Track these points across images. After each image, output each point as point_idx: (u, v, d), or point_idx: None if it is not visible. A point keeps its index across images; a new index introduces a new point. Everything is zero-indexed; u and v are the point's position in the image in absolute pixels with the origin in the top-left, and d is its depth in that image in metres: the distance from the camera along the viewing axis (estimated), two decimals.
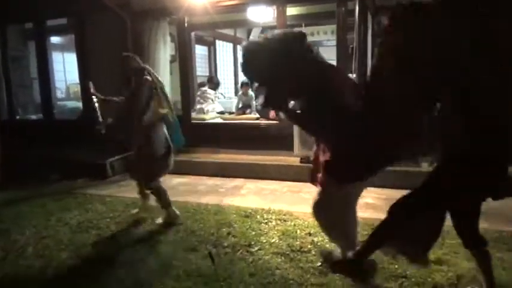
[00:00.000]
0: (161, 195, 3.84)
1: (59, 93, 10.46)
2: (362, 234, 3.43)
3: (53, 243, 3.46)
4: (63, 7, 6.74)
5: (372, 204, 4.31)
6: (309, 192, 4.86)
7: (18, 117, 8.17)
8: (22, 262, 3.11)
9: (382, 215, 3.78)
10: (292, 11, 7.05)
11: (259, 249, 3.21)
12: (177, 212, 3.87)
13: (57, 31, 8.75)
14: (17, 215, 4.27)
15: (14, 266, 3.05)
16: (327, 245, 3.24)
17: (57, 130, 7.27)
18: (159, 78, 3.86)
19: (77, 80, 7.71)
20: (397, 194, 3.56)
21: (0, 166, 5.46)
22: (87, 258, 3.13)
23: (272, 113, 6.51)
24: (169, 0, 6.11)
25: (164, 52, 6.87)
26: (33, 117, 8.23)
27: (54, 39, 9.96)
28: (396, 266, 2.86)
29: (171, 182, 5.60)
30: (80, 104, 7.68)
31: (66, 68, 10.49)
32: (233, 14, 7.60)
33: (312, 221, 3.82)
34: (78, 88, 8.05)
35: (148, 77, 3.68)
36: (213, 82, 8.07)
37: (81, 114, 7.40)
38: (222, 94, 9.56)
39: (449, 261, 2.93)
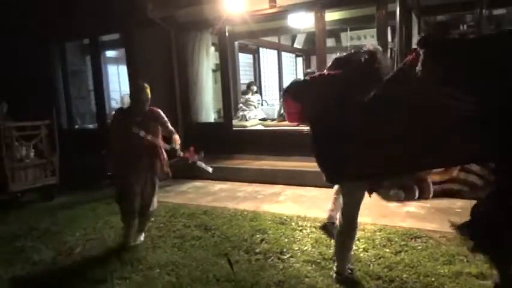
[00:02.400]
0: None
1: (114, 103, 11.10)
2: (399, 244, 3.33)
3: (99, 245, 3.71)
4: (113, 23, 7.22)
5: (414, 213, 4.13)
6: None
7: (77, 126, 8.81)
8: (69, 262, 3.37)
9: (423, 225, 3.63)
10: (335, 15, 6.98)
11: (291, 257, 3.20)
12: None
13: (111, 46, 9.35)
14: (69, 218, 4.61)
15: (62, 266, 3.31)
16: (361, 254, 3.16)
17: None
18: None
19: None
20: (442, 202, 3.38)
21: (59, 173, 5.91)
22: (126, 260, 3.29)
23: None
24: (209, 12, 6.31)
25: (207, 62, 7.11)
26: (90, 126, 8.83)
27: (110, 53, 10.62)
28: (433, 279, 2.72)
29: (213, 188, 5.76)
30: None
31: (120, 80, 11.12)
32: (274, 22, 7.67)
33: None
34: None
35: None
36: (251, 89, 8.11)
37: None
38: (265, 101, 9.64)
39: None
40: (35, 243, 3.88)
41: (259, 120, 7.59)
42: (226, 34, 6.84)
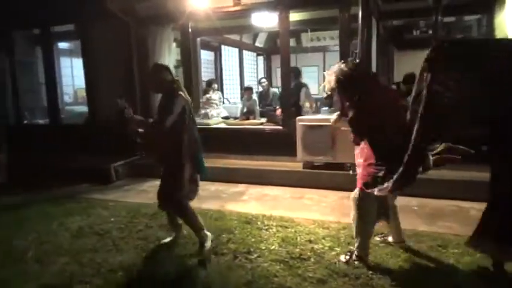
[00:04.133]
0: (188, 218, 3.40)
1: (67, 98, 10.55)
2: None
3: (53, 248, 3.48)
4: (69, 13, 6.83)
5: None
6: (311, 199, 4.85)
7: (25, 121, 8.25)
8: (21, 267, 3.13)
9: (383, 222, 3.72)
10: (296, 16, 7.05)
11: (259, 257, 3.18)
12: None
13: (65, 37, 8.85)
14: (20, 220, 4.29)
15: (12, 271, 3.06)
16: (326, 253, 3.20)
17: (63, 134, 7.34)
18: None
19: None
20: (400, 200, 3.49)
21: (6, 169, 5.52)
22: (85, 264, 3.12)
23: (279, 112, 6.58)
24: (172, 6, 6.15)
25: (168, 58, 6.91)
26: (40, 121, 8.30)
27: (63, 45, 10.08)
28: (396, 275, 2.81)
29: None
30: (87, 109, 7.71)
31: (74, 73, 10.60)
32: (238, 20, 7.63)
33: (312, 227, 3.79)
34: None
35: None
36: (212, 87, 7.99)
37: (87, 119, 7.46)
38: (227, 99, 9.57)
39: None
40: None
41: (222, 118, 7.52)
42: (189, 30, 6.69)
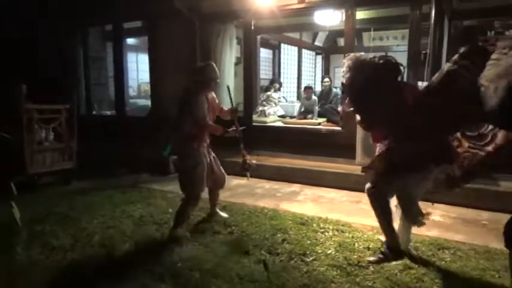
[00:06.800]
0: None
1: (131, 92, 11.08)
2: (427, 254, 3.21)
3: (117, 234, 3.65)
4: (138, 11, 7.15)
5: (439, 222, 4.01)
6: (369, 204, 4.66)
7: (94, 112, 8.79)
8: (88, 250, 3.32)
9: (450, 235, 3.51)
10: (360, 15, 6.81)
11: (315, 260, 3.11)
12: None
13: (133, 33, 9.30)
14: (86, 204, 4.57)
15: (82, 253, 3.26)
16: (387, 263, 3.05)
17: (127, 126, 7.71)
18: None
19: (148, 79, 8.10)
20: (468, 212, 3.26)
21: (77, 155, 5.89)
22: (147, 251, 3.24)
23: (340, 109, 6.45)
24: (237, 3, 6.22)
25: (230, 54, 7.02)
26: (108, 113, 8.80)
27: (129, 40, 10.59)
28: None
29: (231, 183, 5.65)
30: (149, 102, 8.06)
31: (139, 68, 11.11)
32: (299, 18, 7.55)
33: (371, 234, 3.65)
34: (148, 87, 8.47)
35: None
36: (273, 85, 8.01)
37: (149, 112, 7.78)
38: (284, 98, 9.53)
39: None
40: (53, 227, 3.85)
41: (279, 116, 7.51)
42: (252, 28, 6.73)
